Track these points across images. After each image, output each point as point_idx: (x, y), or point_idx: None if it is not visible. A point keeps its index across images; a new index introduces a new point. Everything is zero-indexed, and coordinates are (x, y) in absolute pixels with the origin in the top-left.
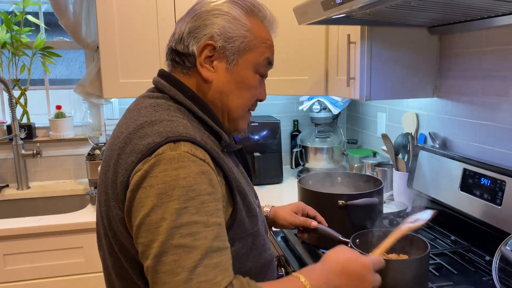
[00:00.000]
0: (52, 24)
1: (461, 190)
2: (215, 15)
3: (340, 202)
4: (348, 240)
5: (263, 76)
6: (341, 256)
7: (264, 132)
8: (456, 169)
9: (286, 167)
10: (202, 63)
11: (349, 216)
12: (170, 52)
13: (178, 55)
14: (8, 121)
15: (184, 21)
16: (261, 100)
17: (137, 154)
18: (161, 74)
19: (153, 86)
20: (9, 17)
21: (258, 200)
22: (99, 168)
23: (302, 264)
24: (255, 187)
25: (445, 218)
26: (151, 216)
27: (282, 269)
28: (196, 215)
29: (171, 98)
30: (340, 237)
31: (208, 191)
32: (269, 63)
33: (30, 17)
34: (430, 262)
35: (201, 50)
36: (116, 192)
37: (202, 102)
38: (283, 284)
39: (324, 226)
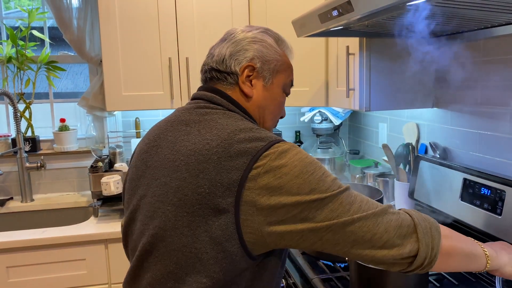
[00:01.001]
0: (56, 38)
1: (462, 200)
2: (253, 41)
3: None
4: None
5: (287, 94)
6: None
7: None
8: (457, 179)
9: None
10: (244, 80)
11: None
12: (210, 71)
13: (220, 73)
14: (13, 134)
15: (222, 46)
16: (282, 117)
17: (247, 156)
18: (211, 89)
19: (198, 99)
20: (14, 32)
21: None
22: (145, 172)
23: (302, 275)
24: None
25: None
26: (301, 193)
27: (283, 280)
28: (331, 175)
29: (231, 111)
30: None
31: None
32: (292, 84)
33: (35, 32)
34: (430, 273)
35: (243, 70)
36: (222, 190)
37: (251, 116)
38: (468, 239)
39: None
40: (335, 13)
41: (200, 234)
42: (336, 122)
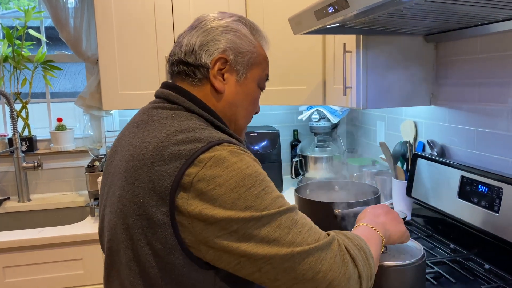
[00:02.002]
0: (53, 38)
1: (459, 197)
2: (225, 31)
3: (337, 210)
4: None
5: (263, 89)
6: (380, 206)
7: (264, 142)
8: (454, 176)
9: (286, 177)
10: (215, 74)
11: (345, 225)
12: (178, 64)
13: (188, 67)
14: (10, 134)
15: (191, 35)
16: (256, 113)
17: (180, 159)
18: (170, 86)
19: (157, 98)
20: (10, 31)
21: None
22: (107, 180)
23: None
24: None
25: (445, 226)
26: (236, 210)
27: None
28: (273, 192)
29: (187, 109)
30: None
31: (265, 173)
32: (267, 78)
33: (31, 31)
34: (428, 271)
35: (214, 62)
36: (156, 198)
37: (215, 113)
38: (372, 237)
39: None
40: (330, 9)
41: (142, 248)
42: (334, 120)
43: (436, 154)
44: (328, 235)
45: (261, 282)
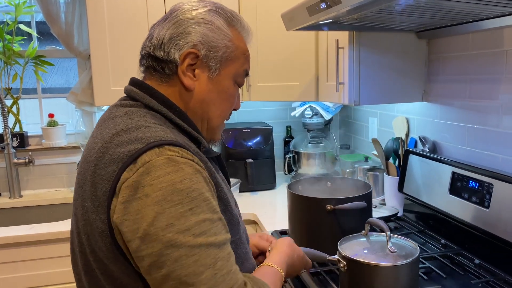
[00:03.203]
0: (44, 33)
1: (450, 193)
2: (197, 23)
3: (329, 206)
4: (334, 258)
5: (240, 85)
6: (286, 242)
7: (257, 138)
8: (445, 172)
9: (279, 173)
10: (184, 71)
11: (337, 221)
12: (147, 58)
13: (157, 62)
14: (0, 129)
15: (162, 26)
16: (235, 110)
17: (118, 162)
18: (134, 82)
19: (124, 95)
20: (1, 26)
21: (238, 208)
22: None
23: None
24: (248, 194)
25: (436, 222)
26: (156, 225)
27: None
28: (202, 213)
29: (145, 105)
30: (327, 257)
31: (206, 188)
32: (247, 74)
33: (22, 26)
34: (419, 266)
35: (184, 58)
36: (97, 204)
37: (178, 108)
38: (276, 280)
39: (308, 249)
40: (323, 5)
41: (90, 254)
42: (327, 116)
43: (427, 150)
44: (245, 284)
45: None
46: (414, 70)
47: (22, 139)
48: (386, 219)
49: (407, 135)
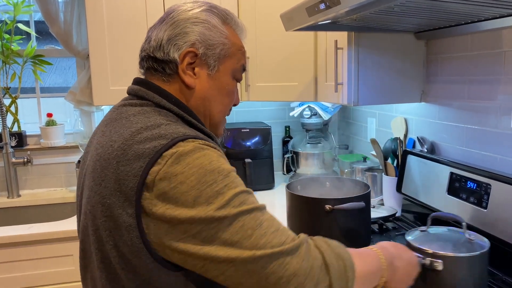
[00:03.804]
0: (43, 32)
1: (449, 194)
2: (194, 23)
3: (327, 206)
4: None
5: (239, 81)
6: (392, 244)
7: (256, 138)
8: (443, 173)
9: (278, 173)
10: (184, 69)
11: (336, 221)
12: (147, 59)
13: (157, 62)
14: None
15: (160, 28)
16: (235, 105)
17: (144, 158)
18: (140, 82)
19: (128, 95)
20: None
21: None
22: (80, 182)
23: None
24: None
25: (434, 222)
26: (197, 208)
27: None
28: (237, 187)
29: (156, 104)
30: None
31: (232, 168)
32: (244, 69)
33: (21, 25)
34: None
35: (183, 57)
36: (122, 200)
37: (187, 107)
38: (365, 252)
39: None
40: (322, 6)
41: (110, 250)
42: (325, 117)
43: (426, 150)
44: (298, 236)
45: (227, 285)
46: (413, 70)
47: (20, 138)
48: (384, 219)
49: (405, 135)
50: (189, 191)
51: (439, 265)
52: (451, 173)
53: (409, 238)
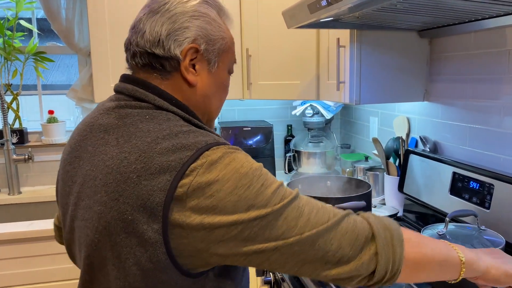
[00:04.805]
0: (45, 29)
1: (451, 194)
2: (194, 16)
3: None
4: None
5: (231, 73)
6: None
7: (257, 137)
8: (446, 172)
9: (280, 172)
10: (187, 67)
11: None
12: (143, 56)
13: (156, 59)
14: (0, 126)
15: (155, 21)
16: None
17: (171, 172)
18: (134, 81)
19: (120, 94)
20: (1, 22)
21: None
22: (71, 188)
23: (300, 283)
24: None
25: (436, 222)
26: (238, 213)
27: (271, 274)
28: (273, 184)
29: (157, 107)
30: None
31: (260, 164)
32: (235, 61)
33: (23, 22)
34: None
35: (185, 53)
36: (147, 215)
37: (188, 108)
38: (441, 243)
39: None
40: (324, 3)
41: (130, 267)
42: (327, 116)
43: (428, 150)
44: (347, 214)
45: (271, 268)
46: (416, 69)
47: (21, 135)
48: None
49: (407, 134)
50: (227, 197)
51: None
52: (454, 173)
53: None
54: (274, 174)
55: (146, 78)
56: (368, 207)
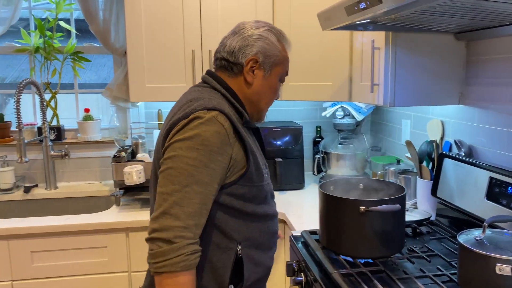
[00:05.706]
0: (82, 30)
1: (487, 199)
2: (259, 39)
3: (362, 208)
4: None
5: (282, 82)
6: None
7: (287, 138)
8: (482, 177)
9: (308, 173)
10: (248, 71)
11: (370, 223)
12: (221, 60)
13: (228, 63)
14: (39, 123)
15: (232, 39)
16: (277, 99)
17: (183, 115)
18: (209, 73)
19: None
20: (42, 23)
21: (268, 170)
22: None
23: (322, 269)
24: (276, 193)
25: (470, 227)
26: (176, 151)
27: (302, 274)
28: (202, 156)
29: (212, 87)
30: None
31: (217, 146)
32: (287, 74)
33: (62, 23)
34: (453, 271)
35: (248, 62)
36: (163, 142)
37: (233, 91)
38: None
39: None
40: (362, 5)
41: (155, 181)
42: (359, 117)
43: (463, 154)
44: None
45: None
46: (452, 72)
47: (59, 132)
48: (418, 223)
49: (441, 138)
50: (179, 141)
51: None
52: (491, 178)
53: (475, 247)
54: (303, 176)
55: (219, 74)
56: (402, 211)
